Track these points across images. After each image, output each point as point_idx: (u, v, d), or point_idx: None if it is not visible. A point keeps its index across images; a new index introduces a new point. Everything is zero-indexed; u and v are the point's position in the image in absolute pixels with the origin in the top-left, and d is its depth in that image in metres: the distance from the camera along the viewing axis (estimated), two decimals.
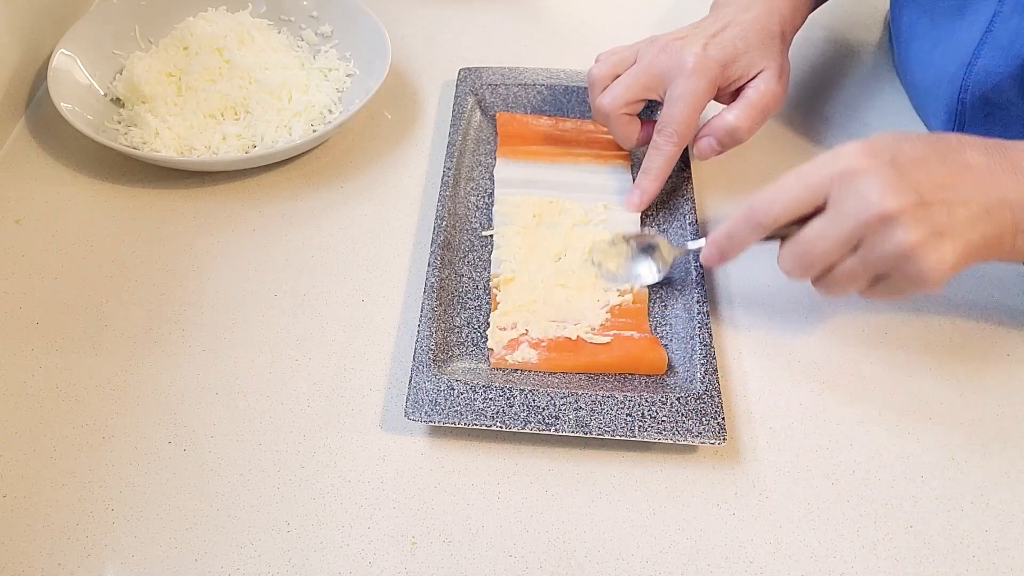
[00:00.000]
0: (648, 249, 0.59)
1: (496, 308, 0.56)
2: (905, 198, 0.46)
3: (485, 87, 0.70)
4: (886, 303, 0.60)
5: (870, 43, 0.82)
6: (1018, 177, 0.48)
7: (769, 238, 0.51)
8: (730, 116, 0.61)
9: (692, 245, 0.57)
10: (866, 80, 0.78)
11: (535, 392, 0.51)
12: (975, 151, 0.49)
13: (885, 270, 0.48)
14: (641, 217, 0.63)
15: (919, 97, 0.72)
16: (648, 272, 0.58)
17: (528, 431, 0.50)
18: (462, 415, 0.50)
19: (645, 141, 0.63)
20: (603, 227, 0.61)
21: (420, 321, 0.54)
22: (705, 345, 0.54)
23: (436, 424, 0.50)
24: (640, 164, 0.64)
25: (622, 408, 0.51)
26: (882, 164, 0.47)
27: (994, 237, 0.47)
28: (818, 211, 0.49)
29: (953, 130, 0.66)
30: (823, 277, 0.50)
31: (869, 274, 0.49)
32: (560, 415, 0.50)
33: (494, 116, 0.70)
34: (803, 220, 0.49)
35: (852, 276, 0.49)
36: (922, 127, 0.72)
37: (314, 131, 0.66)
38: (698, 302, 0.56)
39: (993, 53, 0.59)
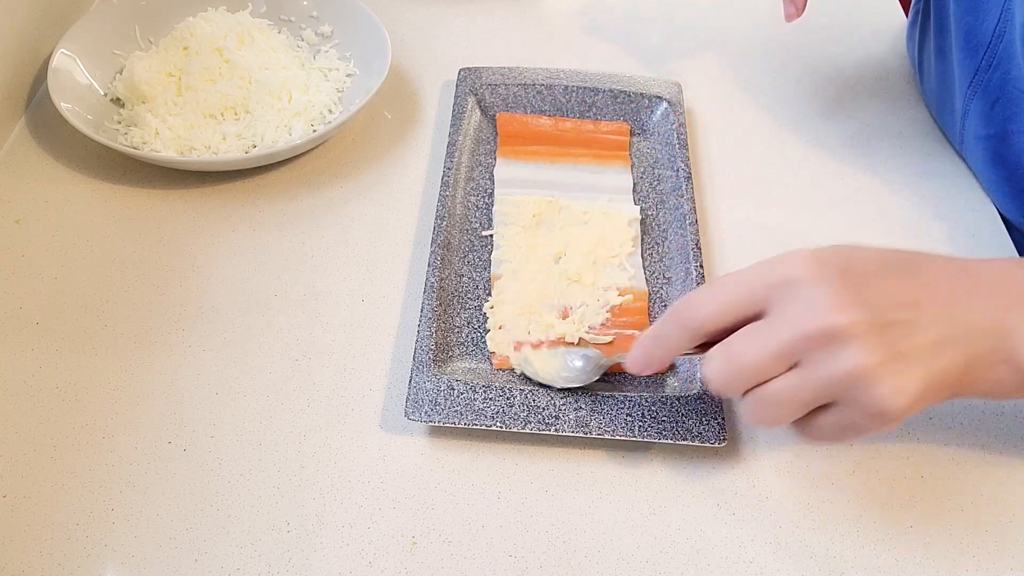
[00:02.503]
0: (580, 356, 0.53)
1: (496, 308, 0.56)
2: (857, 313, 0.40)
3: (485, 87, 0.70)
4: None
5: (881, 45, 0.82)
6: (990, 299, 0.42)
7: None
8: None
9: (624, 358, 0.49)
10: (877, 85, 0.78)
11: (535, 392, 0.51)
12: (938, 267, 0.44)
13: (831, 397, 0.41)
14: (641, 212, 0.62)
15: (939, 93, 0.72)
16: (571, 374, 0.52)
17: (528, 431, 0.50)
18: (462, 415, 0.50)
19: None
20: (604, 225, 0.61)
21: (420, 321, 0.54)
22: None
23: (436, 424, 0.50)
24: (637, 165, 0.64)
25: (622, 408, 0.51)
26: (831, 273, 0.41)
27: (964, 366, 0.41)
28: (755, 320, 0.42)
29: (964, 115, 0.66)
30: (754, 395, 0.42)
31: (809, 399, 0.41)
32: (560, 415, 0.50)
33: (494, 116, 0.70)
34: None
35: (788, 398, 0.41)
36: (935, 127, 0.72)
37: (314, 131, 0.66)
38: None
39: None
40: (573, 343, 0.54)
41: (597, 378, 0.52)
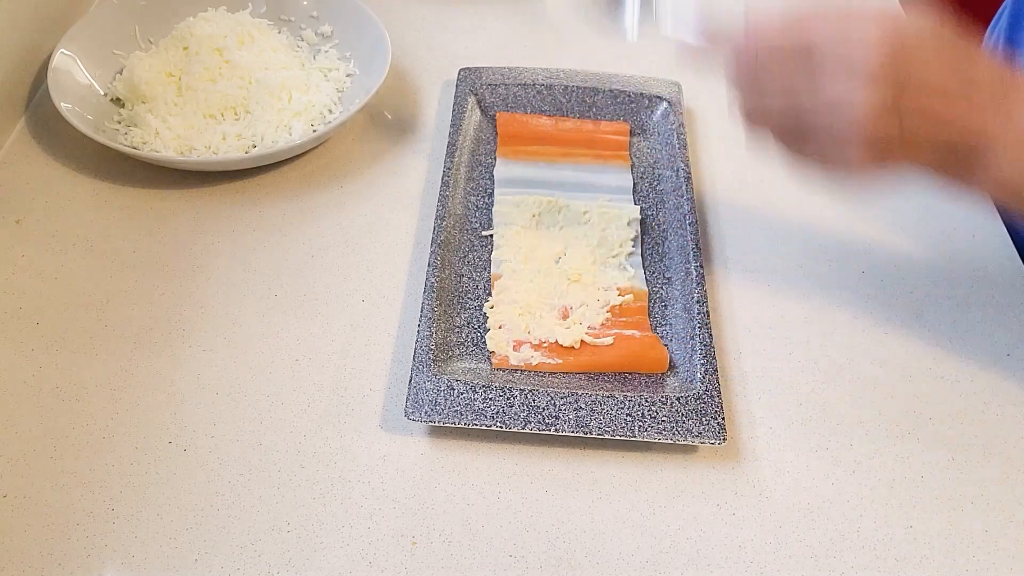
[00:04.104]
0: None
1: (496, 308, 0.56)
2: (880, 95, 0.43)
3: (485, 87, 0.70)
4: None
5: None
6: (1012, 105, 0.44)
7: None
8: None
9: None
10: None
11: (535, 392, 0.51)
12: (988, 70, 0.45)
13: (812, 118, 0.45)
14: (641, 212, 0.63)
15: None
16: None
17: (528, 431, 0.50)
18: (462, 415, 0.50)
19: None
20: (604, 225, 0.61)
21: (420, 321, 0.54)
22: (705, 345, 0.54)
23: (436, 424, 0.50)
24: (637, 165, 0.64)
25: (622, 408, 0.51)
26: (885, 87, 0.43)
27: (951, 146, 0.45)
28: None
29: None
30: (754, 86, 0.47)
31: (797, 101, 0.45)
32: (560, 415, 0.50)
33: (494, 116, 0.70)
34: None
35: (783, 92, 0.46)
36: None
37: (314, 131, 0.66)
38: (698, 302, 0.56)
39: None
40: None
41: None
